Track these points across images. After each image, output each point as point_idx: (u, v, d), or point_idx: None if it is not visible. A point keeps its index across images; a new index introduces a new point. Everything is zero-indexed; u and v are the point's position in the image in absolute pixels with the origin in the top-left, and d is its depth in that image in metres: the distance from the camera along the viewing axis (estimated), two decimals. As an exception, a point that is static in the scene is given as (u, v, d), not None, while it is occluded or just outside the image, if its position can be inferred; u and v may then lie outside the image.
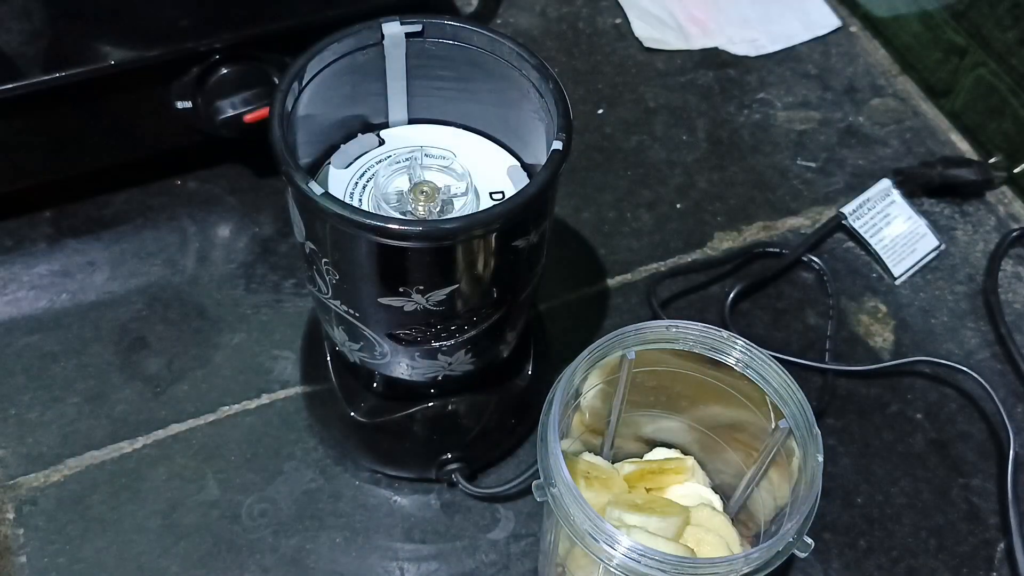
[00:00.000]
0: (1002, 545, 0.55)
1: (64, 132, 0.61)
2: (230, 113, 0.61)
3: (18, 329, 0.61)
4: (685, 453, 0.53)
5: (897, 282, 0.67)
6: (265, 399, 0.59)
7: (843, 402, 0.61)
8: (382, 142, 0.48)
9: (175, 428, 0.58)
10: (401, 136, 0.49)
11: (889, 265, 0.67)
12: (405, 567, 0.53)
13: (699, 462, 0.52)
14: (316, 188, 0.39)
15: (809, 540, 0.40)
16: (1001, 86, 0.70)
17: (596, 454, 0.51)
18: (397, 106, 0.48)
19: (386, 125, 0.49)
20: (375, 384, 0.54)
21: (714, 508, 0.50)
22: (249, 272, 0.65)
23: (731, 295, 0.64)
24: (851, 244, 0.69)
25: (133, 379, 0.60)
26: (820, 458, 0.41)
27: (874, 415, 0.60)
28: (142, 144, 0.65)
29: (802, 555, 0.40)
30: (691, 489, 0.50)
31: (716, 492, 0.51)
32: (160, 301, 0.63)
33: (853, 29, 0.83)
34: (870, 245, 0.68)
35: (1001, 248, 0.68)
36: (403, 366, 0.49)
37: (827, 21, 0.83)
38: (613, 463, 0.52)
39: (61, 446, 0.57)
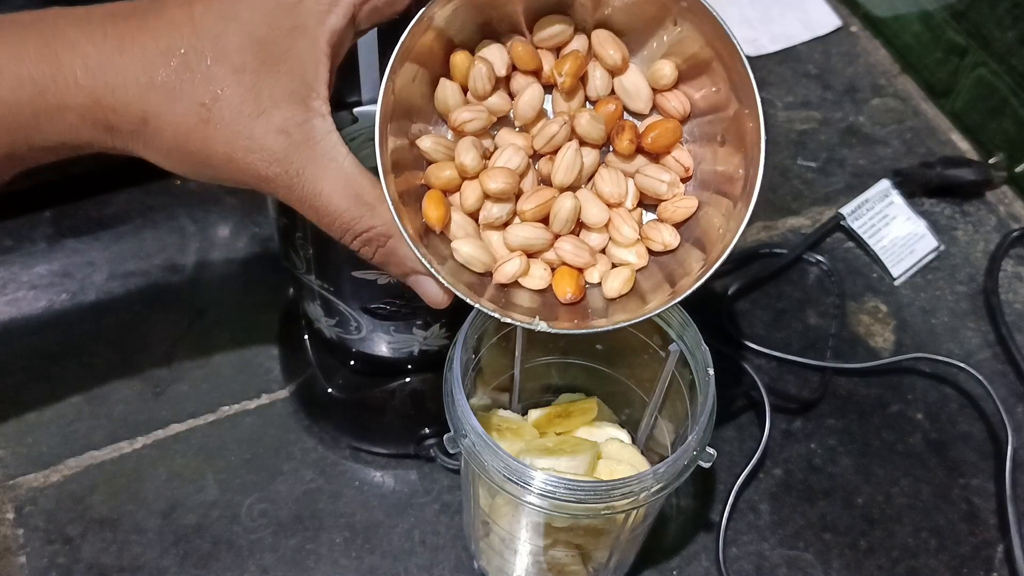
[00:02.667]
0: (1002, 546, 0.55)
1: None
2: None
3: (18, 329, 0.61)
4: (590, 396, 0.53)
5: (896, 282, 0.67)
6: (265, 399, 0.59)
7: (843, 402, 0.61)
8: (355, 120, 0.48)
9: (175, 428, 0.58)
10: (374, 113, 0.49)
11: (887, 265, 0.67)
12: (408, 568, 0.53)
13: (605, 402, 0.53)
14: None
15: (711, 451, 0.42)
16: (1001, 86, 0.70)
17: (506, 410, 0.52)
18: (369, 83, 0.48)
19: (359, 103, 0.49)
20: (352, 361, 0.54)
21: (623, 441, 0.51)
22: (249, 272, 0.65)
23: (731, 294, 0.64)
24: (851, 244, 0.69)
25: (133, 379, 0.60)
26: (711, 371, 0.43)
27: (874, 415, 0.60)
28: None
29: (706, 465, 0.42)
30: (599, 428, 0.51)
31: (624, 428, 0.52)
32: (160, 301, 0.63)
33: (853, 29, 0.83)
34: (868, 246, 0.68)
35: (1001, 248, 0.68)
36: (379, 341, 0.49)
37: (827, 21, 0.83)
38: (524, 416, 0.52)
39: (61, 446, 0.57)
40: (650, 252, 0.40)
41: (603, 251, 0.40)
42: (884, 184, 0.70)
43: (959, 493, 0.57)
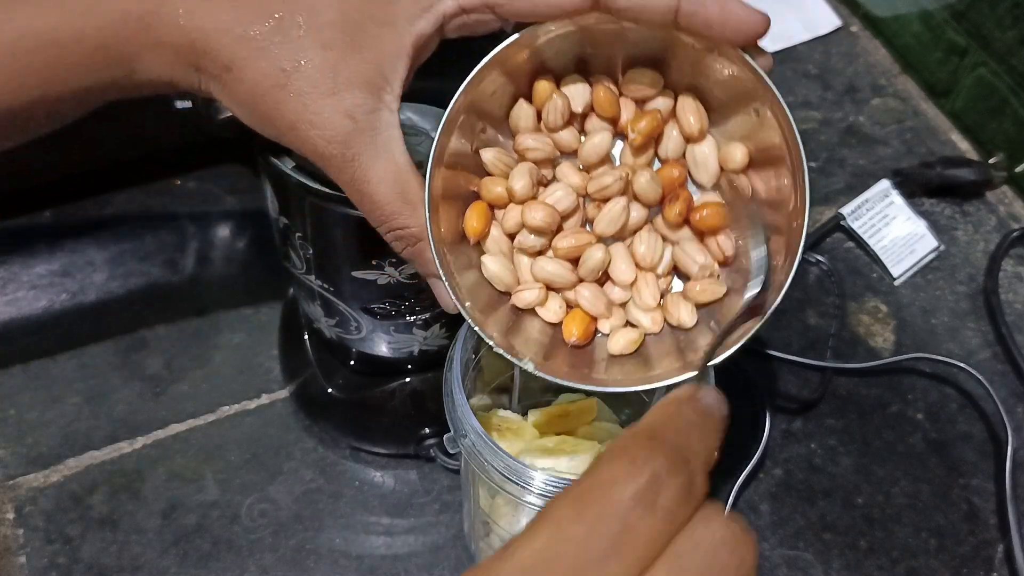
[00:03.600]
0: (1002, 546, 0.55)
1: (64, 131, 0.61)
2: (229, 113, 0.61)
3: (18, 329, 0.61)
4: (590, 396, 0.53)
5: (896, 283, 0.67)
6: (265, 399, 0.59)
7: (843, 402, 0.61)
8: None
9: (175, 428, 0.58)
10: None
11: (887, 265, 0.67)
12: (408, 568, 0.53)
13: (605, 402, 0.53)
14: (287, 161, 0.40)
15: None
16: (1001, 86, 0.70)
17: (505, 410, 0.52)
18: None
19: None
20: (352, 361, 0.54)
21: None
22: (249, 272, 0.65)
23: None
24: (851, 244, 0.69)
25: (133, 379, 0.60)
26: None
27: (874, 415, 0.60)
28: (142, 144, 0.65)
29: None
30: (599, 428, 0.51)
31: (624, 428, 0.52)
32: (160, 301, 0.63)
33: (853, 29, 0.83)
34: (868, 246, 0.68)
35: (1001, 248, 0.68)
36: (379, 341, 0.49)
37: (827, 21, 0.83)
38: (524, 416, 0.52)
39: (61, 446, 0.57)
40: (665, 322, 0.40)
41: (622, 306, 0.40)
42: (884, 184, 0.70)
43: (959, 493, 0.57)
